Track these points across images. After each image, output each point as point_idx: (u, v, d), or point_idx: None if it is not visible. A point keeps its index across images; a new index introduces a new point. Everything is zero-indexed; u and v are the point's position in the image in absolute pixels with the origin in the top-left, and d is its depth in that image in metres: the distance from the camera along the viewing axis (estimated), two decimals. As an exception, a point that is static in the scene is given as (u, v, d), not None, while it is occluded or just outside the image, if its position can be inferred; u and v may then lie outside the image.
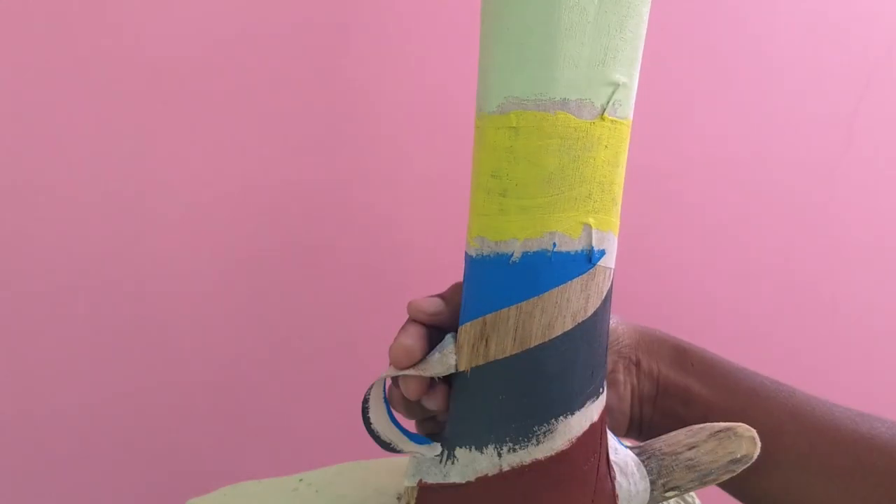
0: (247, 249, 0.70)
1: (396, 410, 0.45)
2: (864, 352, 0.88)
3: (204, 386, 0.73)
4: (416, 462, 0.43)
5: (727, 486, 0.44)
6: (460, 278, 0.43)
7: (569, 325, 0.39)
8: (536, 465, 0.40)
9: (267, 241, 0.71)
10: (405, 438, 0.44)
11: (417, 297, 0.43)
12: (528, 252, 0.38)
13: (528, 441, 0.40)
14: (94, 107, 0.64)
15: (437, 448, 0.43)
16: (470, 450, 0.41)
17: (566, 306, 0.39)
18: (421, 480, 0.43)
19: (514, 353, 0.39)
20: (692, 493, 0.55)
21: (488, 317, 0.40)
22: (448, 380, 0.44)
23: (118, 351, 0.69)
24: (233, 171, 0.68)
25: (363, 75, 0.69)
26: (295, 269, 0.72)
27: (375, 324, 0.76)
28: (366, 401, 0.44)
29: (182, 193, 0.68)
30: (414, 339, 0.42)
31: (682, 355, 0.44)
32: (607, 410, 0.43)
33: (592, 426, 0.41)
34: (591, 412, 0.41)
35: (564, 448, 0.40)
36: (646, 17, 0.38)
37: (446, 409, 0.43)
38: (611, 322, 0.44)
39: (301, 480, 0.55)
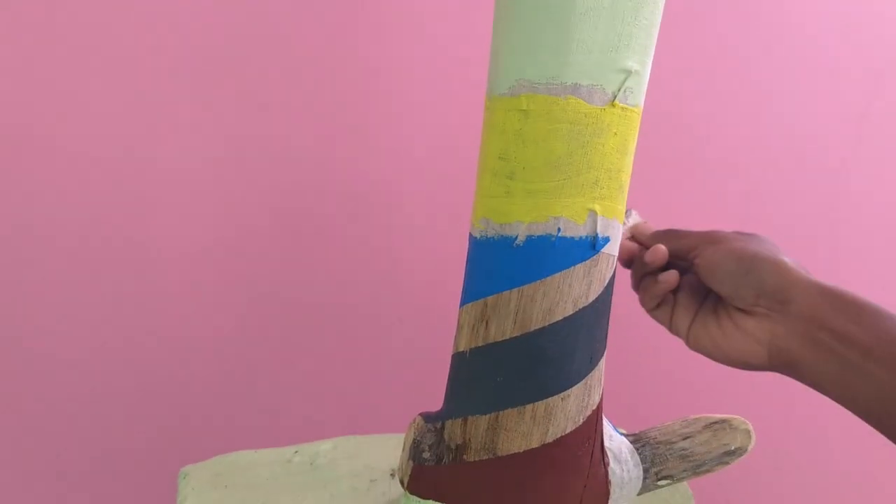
0: (246, 226, 0.70)
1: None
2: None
3: (201, 356, 0.73)
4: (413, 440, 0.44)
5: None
6: (462, 260, 0.43)
7: (570, 311, 0.39)
8: (531, 448, 0.40)
9: (266, 221, 0.71)
10: None
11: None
12: (532, 236, 0.39)
13: (524, 424, 0.40)
14: (95, 98, 0.64)
15: None
16: (465, 430, 0.42)
17: (568, 292, 0.39)
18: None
19: (513, 335, 0.40)
20: (685, 484, 0.55)
21: (489, 299, 0.40)
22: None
23: (116, 321, 0.70)
24: (233, 155, 0.68)
25: (369, 58, 0.69)
26: (294, 246, 0.72)
27: (376, 302, 0.76)
28: None
29: (190, 168, 0.67)
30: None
31: (838, 298, 0.41)
32: (603, 397, 0.43)
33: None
34: (588, 398, 0.41)
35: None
36: (661, 6, 0.38)
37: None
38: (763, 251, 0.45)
39: (296, 452, 0.55)
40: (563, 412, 0.40)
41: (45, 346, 0.69)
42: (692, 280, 0.49)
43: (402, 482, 0.44)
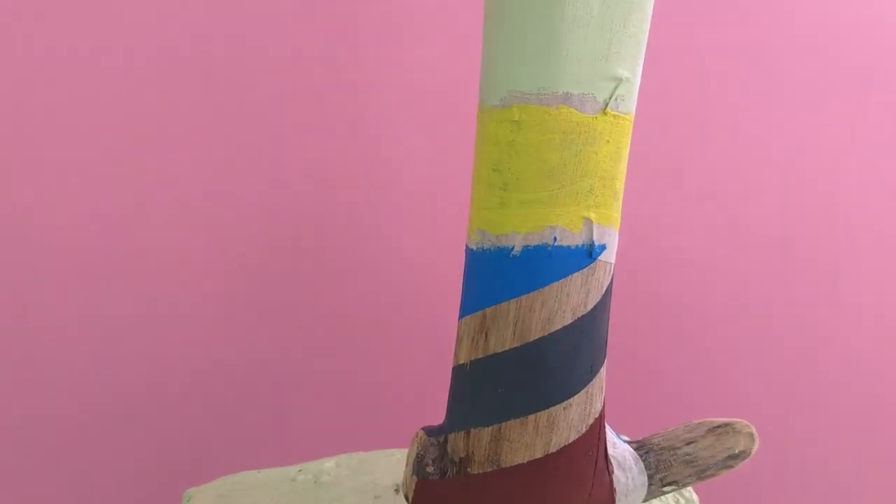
0: (246, 242, 0.70)
1: None
2: (866, 346, 0.88)
3: (204, 377, 0.73)
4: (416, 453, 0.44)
5: None
6: (460, 273, 0.43)
7: (568, 320, 0.39)
8: (534, 458, 0.40)
9: (265, 237, 0.71)
10: None
11: None
12: (528, 246, 0.39)
13: (527, 434, 0.40)
14: (93, 107, 0.64)
15: None
16: (468, 442, 0.42)
17: (566, 301, 0.39)
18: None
19: (513, 346, 0.40)
20: (690, 489, 0.55)
21: (488, 310, 0.40)
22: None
23: (118, 341, 0.69)
24: (230, 170, 0.68)
25: (363, 72, 0.69)
26: (294, 262, 0.72)
27: (376, 317, 0.76)
28: None
29: (189, 178, 0.68)
30: None
31: None
32: (605, 405, 0.43)
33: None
34: (590, 406, 0.41)
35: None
36: (649, 13, 0.38)
37: None
38: None
39: (300, 471, 0.55)
40: (566, 421, 0.40)
41: (44, 365, 0.68)
42: None
43: (406, 497, 0.44)
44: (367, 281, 0.75)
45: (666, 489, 0.45)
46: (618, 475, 0.42)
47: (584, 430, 0.41)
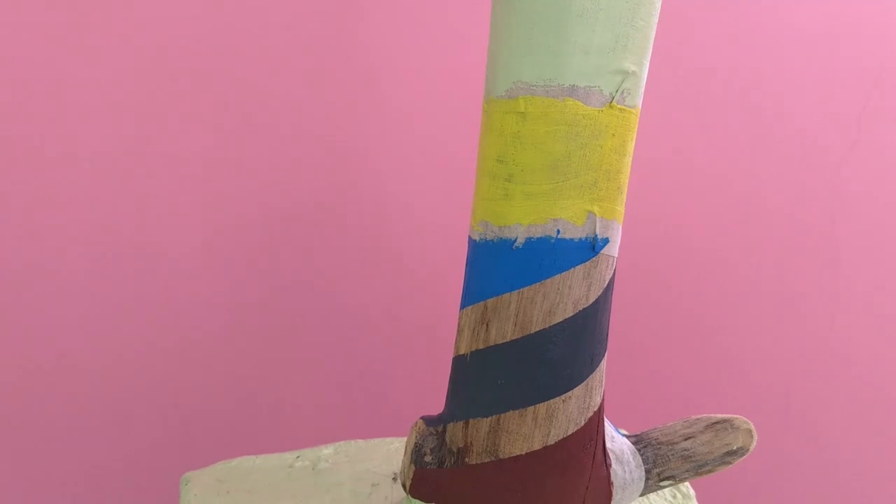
0: (246, 231, 0.70)
1: None
2: (867, 343, 0.88)
3: (202, 362, 0.73)
4: (415, 443, 0.44)
5: None
6: (461, 263, 0.43)
7: (570, 313, 0.39)
8: (532, 450, 0.40)
9: (267, 228, 0.71)
10: None
11: None
12: (531, 238, 0.38)
13: (526, 426, 0.40)
14: (97, 102, 0.64)
15: None
16: (467, 433, 0.42)
17: (568, 293, 0.39)
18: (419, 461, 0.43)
19: (514, 338, 0.40)
20: (687, 483, 0.55)
21: (489, 301, 0.40)
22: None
23: (116, 326, 0.70)
24: (231, 165, 0.68)
25: (369, 61, 0.69)
26: (295, 251, 0.72)
27: (376, 306, 0.76)
28: None
29: (189, 170, 0.68)
30: None
31: None
32: (605, 398, 0.43)
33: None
34: (589, 399, 0.41)
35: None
36: (657, 7, 0.38)
37: None
38: None
39: (298, 458, 0.55)
40: (565, 414, 0.40)
41: (45, 351, 0.69)
42: None
43: (404, 486, 0.44)
44: (367, 270, 0.75)
45: (663, 483, 0.45)
46: (615, 469, 0.43)
47: (582, 423, 0.41)
